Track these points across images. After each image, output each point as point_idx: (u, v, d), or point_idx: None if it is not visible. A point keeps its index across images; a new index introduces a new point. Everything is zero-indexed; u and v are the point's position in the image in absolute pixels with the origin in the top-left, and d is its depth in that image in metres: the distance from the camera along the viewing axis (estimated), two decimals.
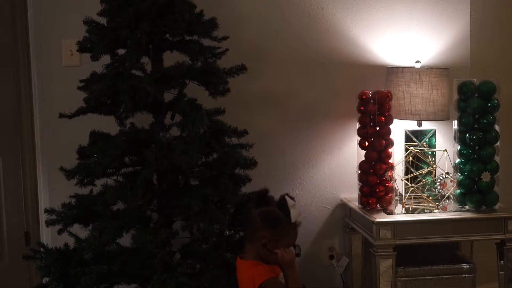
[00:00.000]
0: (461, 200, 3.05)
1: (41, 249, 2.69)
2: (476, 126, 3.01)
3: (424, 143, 3.18)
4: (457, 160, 3.10)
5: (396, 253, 2.88)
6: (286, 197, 2.27)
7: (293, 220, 2.24)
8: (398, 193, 3.14)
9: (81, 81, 2.70)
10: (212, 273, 2.49)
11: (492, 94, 2.99)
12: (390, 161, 3.06)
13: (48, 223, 2.70)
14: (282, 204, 2.26)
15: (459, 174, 3.07)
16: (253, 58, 3.15)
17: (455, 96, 3.08)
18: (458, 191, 3.07)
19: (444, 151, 3.16)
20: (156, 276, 2.44)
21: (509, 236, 2.96)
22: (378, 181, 3.04)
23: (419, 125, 3.21)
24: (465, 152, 3.04)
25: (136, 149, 2.61)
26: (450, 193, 3.09)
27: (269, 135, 3.32)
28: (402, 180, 3.16)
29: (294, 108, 3.36)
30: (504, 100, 3.07)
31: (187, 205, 2.54)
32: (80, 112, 2.66)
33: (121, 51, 2.64)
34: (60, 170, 2.67)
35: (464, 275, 3.09)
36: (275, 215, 2.23)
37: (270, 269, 2.23)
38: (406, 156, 3.16)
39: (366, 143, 3.07)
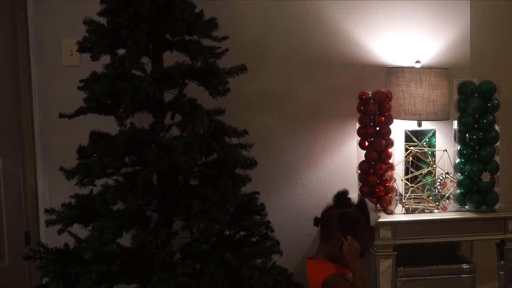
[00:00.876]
0: (461, 200, 3.05)
1: (41, 249, 2.68)
2: (476, 126, 3.01)
3: (424, 143, 3.18)
4: (457, 160, 3.10)
5: (396, 253, 2.88)
6: (366, 200, 2.23)
7: (372, 223, 2.20)
8: (398, 193, 3.14)
9: (81, 81, 2.69)
10: (212, 273, 2.49)
11: (492, 94, 2.99)
12: (390, 161, 3.06)
13: (48, 223, 2.69)
14: (362, 207, 2.22)
15: (459, 174, 3.07)
16: (253, 58, 3.15)
17: (455, 96, 3.08)
18: (458, 191, 3.07)
19: (444, 151, 3.16)
20: (156, 276, 2.44)
21: (509, 236, 2.96)
22: (378, 181, 3.04)
23: (419, 125, 3.21)
24: (465, 152, 3.04)
25: (136, 149, 2.61)
26: (450, 193, 3.09)
27: (269, 135, 3.32)
28: (402, 180, 3.16)
29: (294, 108, 3.36)
30: (504, 100, 3.07)
31: (187, 205, 2.54)
32: (80, 112, 2.65)
33: (121, 51, 2.64)
34: (60, 170, 2.67)
35: (464, 275, 3.09)
36: (354, 217, 2.20)
37: (338, 267, 2.20)
38: (406, 156, 3.16)
39: (366, 143, 3.07)
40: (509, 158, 3.28)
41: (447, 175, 3.12)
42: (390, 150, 3.07)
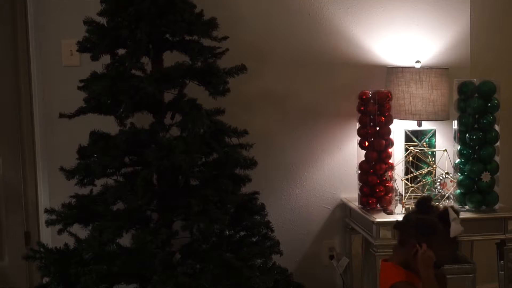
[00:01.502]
0: (461, 200, 3.05)
1: (41, 249, 2.69)
2: (476, 126, 3.01)
3: (424, 143, 3.18)
4: (457, 160, 3.10)
5: None
6: (450, 209, 2.11)
7: (452, 234, 2.08)
8: (398, 193, 3.14)
9: (81, 81, 2.69)
10: (212, 273, 2.49)
11: (492, 94, 2.99)
12: (390, 161, 3.06)
13: (48, 223, 2.69)
14: (443, 216, 2.10)
15: (459, 174, 3.07)
16: (253, 58, 3.15)
17: (455, 96, 3.08)
18: (458, 191, 3.07)
19: (444, 151, 3.16)
20: (156, 276, 2.44)
21: (509, 236, 2.96)
22: (378, 181, 3.04)
23: (419, 125, 3.21)
24: (465, 152, 3.04)
25: (136, 149, 2.61)
26: (450, 193, 3.09)
27: (269, 135, 3.32)
28: (402, 180, 3.16)
29: (294, 108, 3.36)
30: (504, 100, 3.07)
31: (187, 205, 2.53)
32: (80, 112, 2.65)
33: (121, 51, 2.64)
34: (60, 170, 2.67)
35: (464, 275, 3.09)
36: (433, 225, 2.09)
37: (408, 274, 2.11)
38: (406, 156, 3.16)
39: (366, 143, 3.07)
40: (509, 158, 3.28)
41: (447, 175, 3.12)
42: (390, 150, 3.07)
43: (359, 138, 3.10)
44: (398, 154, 3.15)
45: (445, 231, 2.08)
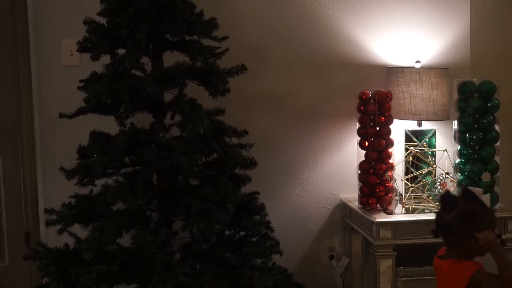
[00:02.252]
0: None
1: (41, 249, 2.69)
2: (476, 126, 3.01)
3: (424, 143, 3.18)
4: (457, 160, 3.10)
5: (396, 253, 2.88)
6: (469, 188, 2.21)
7: (489, 205, 2.22)
8: (398, 193, 3.14)
9: (81, 81, 2.70)
10: (212, 273, 2.49)
11: (492, 94, 2.99)
12: (390, 161, 3.06)
13: (48, 223, 2.69)
14: (470, 196, 2.19)
15: (459, 174, 3.07)
16: (253, 58, 3.15)
17: (455, 96, 3.08)
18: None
19: (444, 151, 3.16)
20: (156, 276, 2.44)
21: (509, 236, 2.96)
22: (378, 181, 3.04)
23: (419, 125, 3.21)
24: (465, 152, 3.04)
25: (136, 149, 2.61)
26: None
27: (269, 135, 3.32)
28: (402, 180, 3.16)
29: (294, 108, 3.36)
30: (504, 100, 3.07)
31: (187, 205, 2.54)
32: (80, 112, 2.66)
33: (121, 51, 2.64)
34: (60, 170, 2.67)
35: None
36: (473, 210, 2.17)
37: (476, 264, 2.19)
38: (406, 156, 3.16)
39: (366, 143, 3.07)
40: (509, 158, 3.28)
41: (447, 175, 3.12)
42: (390, 150, 3.07)
43: (359, 138, 3.10)
44: (398, 154, 3.15)
45: (481, 207, 2.16)
